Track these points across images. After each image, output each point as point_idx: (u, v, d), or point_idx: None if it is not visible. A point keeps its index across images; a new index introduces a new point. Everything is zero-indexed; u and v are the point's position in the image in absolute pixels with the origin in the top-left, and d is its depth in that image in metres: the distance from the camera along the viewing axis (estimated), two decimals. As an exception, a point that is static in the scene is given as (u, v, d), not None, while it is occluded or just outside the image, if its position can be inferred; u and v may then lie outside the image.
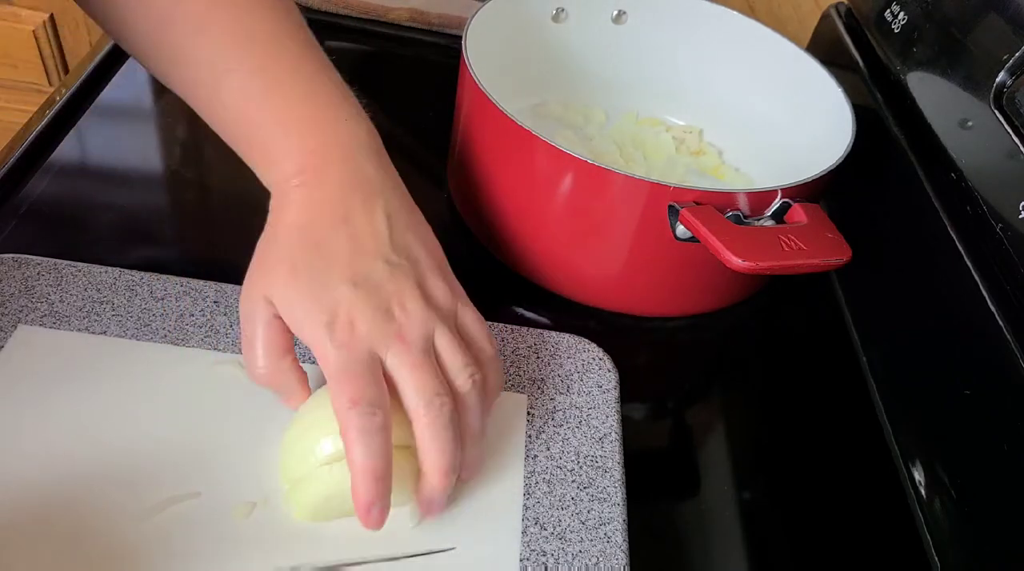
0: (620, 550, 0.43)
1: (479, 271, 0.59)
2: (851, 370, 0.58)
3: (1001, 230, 0.46)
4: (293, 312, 0.41)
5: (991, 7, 0.52)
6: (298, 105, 0.45)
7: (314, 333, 0.40)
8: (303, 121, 0.44)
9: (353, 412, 0.38)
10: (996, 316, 0.45)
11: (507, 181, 0.56)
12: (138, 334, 0.48)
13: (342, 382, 0.39)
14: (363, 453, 0.38)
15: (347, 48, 0.80)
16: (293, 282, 0.41)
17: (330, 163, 0.44)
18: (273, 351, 0.42)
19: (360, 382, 0.39)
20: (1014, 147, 0.46)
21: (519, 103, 0.67)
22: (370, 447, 0.38)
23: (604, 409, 0.49)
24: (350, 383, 0.39)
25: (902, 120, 0.58)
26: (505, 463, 0.46)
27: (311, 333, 0.40)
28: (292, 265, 0.41)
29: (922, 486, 0.50)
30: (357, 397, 0.38)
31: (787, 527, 0.49)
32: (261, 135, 0.45)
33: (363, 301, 0.40)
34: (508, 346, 0.52)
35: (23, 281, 0.49)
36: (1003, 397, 0.44)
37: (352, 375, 0.39)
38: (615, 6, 0.69)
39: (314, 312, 0.40)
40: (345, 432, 0.38)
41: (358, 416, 0.38)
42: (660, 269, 0.55)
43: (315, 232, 0.42)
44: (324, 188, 0.43)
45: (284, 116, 0.44)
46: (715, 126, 0.71)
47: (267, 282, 0.41)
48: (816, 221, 0.51)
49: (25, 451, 0.42)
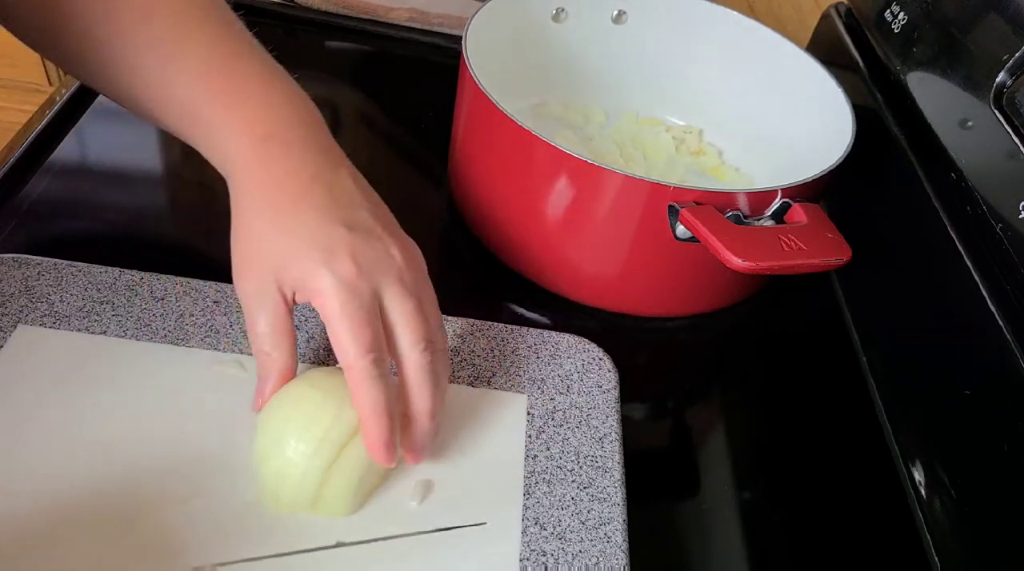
0: (620, 550, 0.43)
1: (479, 271, 0.59)
2: (851, 370, 0.58)
3: (1001, 230, 0.46)
4: (293, 264, 0.40)
5: (991, 7, 0.52)
6: (252, 83, 0.45)
7: (316, 273, 0.39)
8: (259, 97, 0.44)
9: (364, 360, 0.39)
10: (996, 316, 0.45)
11: (507, 181, 0.56)
12: (138, 334, 0.48)
13: (347, 328, 0.39)
14: (373, 398, 0.39)
15: (347, 48, 0.80)
16: (288, 234, 0.40)
17: (292, 132, 0.43)
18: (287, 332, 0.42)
19: (369, 331, 0.39)
20: (1014, 147, 0.46)
21: (519, 103, 0.67)
22: (379, 390, 0.39)
23: (604, 409, 0.49)
24: (358, 329, 0.39)
25: (902, 120, 0.58)
26: (505, 463, 0.46)
27: (313, 274, 0.39)
28: (279, 222, 0.41)
29: (922, 486, 0.50)
30: (368, 345, 0.39)
31: (787, 527, 0.49)
32: (217, 114, 0.44)
33: (361, 241, 0.41)
34: (508, 346, 0.52)
35: (23, 281, 0.49)
36: (1003, 397, 0.44)
37: (360, 321, 0.39)
38: (615, 6, 0.69)
39: (313, 254, 0.40)
40: (353, 378, 0.39)
41: (369, 365, 0.39)
42: (660, 269, 0.55)
43: (292, 190, 0.42)
44: (289, 155, 0.43)
45: (239, 95, 0.44)
46: (715, 126, 0.71)
47: (263, 247, 0.41)
48: (816, 221, 0.51)
49: (25, 451, 0.42)
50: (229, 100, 0.44)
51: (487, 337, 0.52)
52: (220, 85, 0.44)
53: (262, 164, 0.42)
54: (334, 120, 0.72)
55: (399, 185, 0.67)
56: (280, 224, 0.41)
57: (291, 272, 0.40)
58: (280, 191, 0.42)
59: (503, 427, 0.47)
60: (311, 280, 0.40)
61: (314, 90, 0.46)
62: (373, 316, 0.40)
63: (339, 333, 0.39)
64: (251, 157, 0.43)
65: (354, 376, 0.39)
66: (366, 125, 0.72)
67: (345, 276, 0.39)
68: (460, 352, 0.51)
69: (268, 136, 0.43)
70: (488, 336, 0.52)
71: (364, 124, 0.72)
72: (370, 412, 0.39)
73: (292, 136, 0.43)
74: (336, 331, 0.39)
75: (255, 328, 0.42)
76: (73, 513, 0.40)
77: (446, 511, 0.43)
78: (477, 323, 0.52)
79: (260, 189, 0.42)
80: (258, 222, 0.41)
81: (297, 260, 0.40)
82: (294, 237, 0.40)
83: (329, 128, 0.46)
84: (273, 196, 0.42)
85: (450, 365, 0.44)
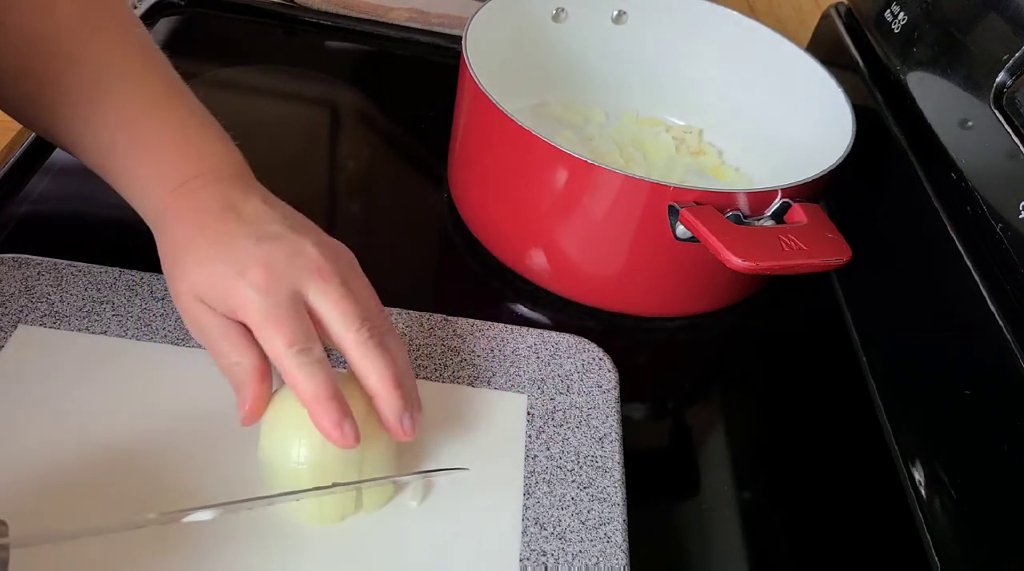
0: (620, 550, 0.43)
1: (479, 271, 0.59)
2: (851, 370, 0.58)
3: (1001, 230, 0.46)
4: (212, 287, 0.41)
5: (991, 7, 0.52)
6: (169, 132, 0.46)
7: (232, 288, 0.40)
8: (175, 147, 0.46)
9: (291, 352, 0.39)
10: (996, 316, 0.45)
11: (507, 181, 0.56)
12: (138, 334, 0.48)
13: (270, 328, 0.39)
14: (312, 385, 0.39)
15: (347, 48, 0.80)
16: (203, 263, 0.41)
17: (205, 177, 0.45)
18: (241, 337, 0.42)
19: (291, 323, 0.39)
20: (1014, 147, 0.46)
21: (519, 103, 0.67)
22: (316, 378, 0.39)
23: (604, 409, 0.49)
24: (281, 325, 0.39)
25: (902, 120, 0.58)
26: (505, 463, 0.46)
27: (229, 290, 0.40)
28: (195, 254, 0.42)
29: (922, 486, 0.50)
30: (292, 337, 0.39)
31: (787, 527, 0.49)
32: (134, 166, 0.46)
33: (271, 248, 0.41)
34: (508, 346, 0.52)
35: (23, 281, 0.49)
36: (1003, 397, 0.44)
37: (279, 318, 0.39)
38: (615, 6, 0.69)
39: (228, 272, 0.40)
40: (287, 372, 0.39)
41: (297, 355, 0.39)
42: (660, 269, 0.55)
43: (205, 222, 0.43)
44: (201, 196, 0.44)
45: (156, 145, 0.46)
46: (715, 126, 0.71)
47: (185, 281, 0.42)
48: (816, 221, 0.51)
49: (24, 451, 0.41)
50: (146, 151, 0.46)
51: (487, 337, 0.52)
52: (139, 135, 0.46)
53: (175, 212, 0.44)
54: (334, 120, 0.72)
55: (399, 185, 0.67)
56: (199, 259, 0.42)
57: (212, 296, 0.41)
58: (195, 229, 0.43)
59: (503, 427, 0.47)
60: (230, 297, 0.40)
61: (314, 90, 0.47)
62: (295, 312, 0.40)
63: (263, 335, 0.40)
64: (166, 206, 0.44)
65: (286, 369, 0.39)
66: (366, 125, 0.72)
67: (258, 282, 0.40)
68: (460, 352, 0.51)
69: (182, 184, 0.44)
70: (488, 336, 0.52)
71: (364, 124, 0.72)
72: (312, 399, 0.39)
73: (206, 179, 0.45)
74: (262, 335, 0.40)
75: (215, 352, 0.42)
76: (73, 513, 0.40)
77: (446, 511, 0.43)
78: (477, 323, 0.52)
79: (176, 233, 0.43)
80: (178, 266, 0.43)
81: (215, 283, 0.41)
82: (212, 265, 0.41)
83: (329, 128, 0.46)
84: (188, 236, 0.43)
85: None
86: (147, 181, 0.45)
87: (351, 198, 0.65)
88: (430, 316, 0.52)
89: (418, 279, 0.59)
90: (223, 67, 0.73)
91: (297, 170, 0.65)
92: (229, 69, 0.73)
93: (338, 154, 0.69)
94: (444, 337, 0.51)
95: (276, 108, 0.72)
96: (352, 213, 0.64)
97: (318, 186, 0.65)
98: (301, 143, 0.68)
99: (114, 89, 0.46)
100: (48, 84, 0.46)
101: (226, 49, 0.76)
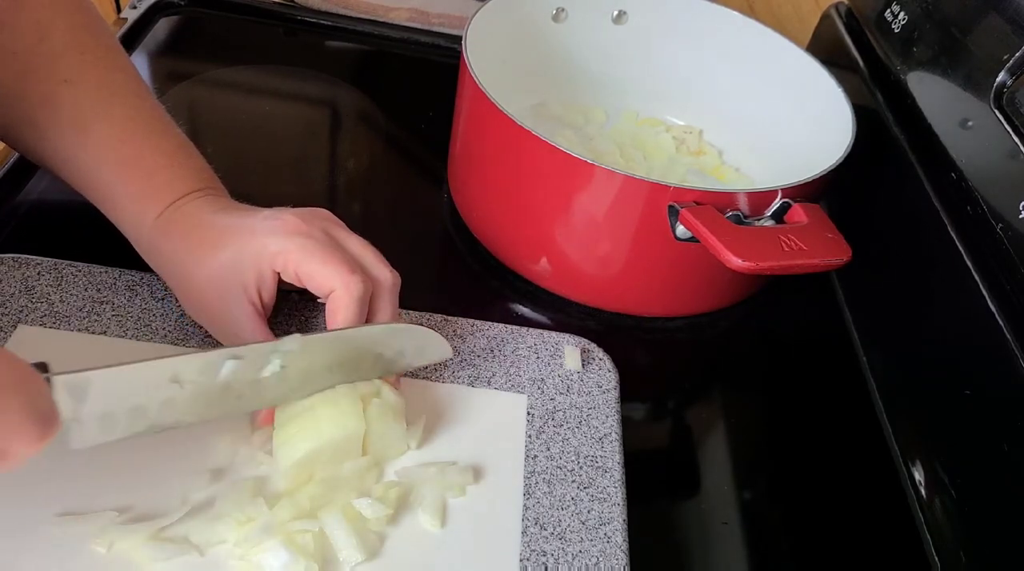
0: (620, 550, 0.43)
1: (479, 271, 0.59)
2: (851, 370, 0.58)
3: (1001, 230, 0.46)
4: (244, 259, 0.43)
5: (991, 7, 0.52)
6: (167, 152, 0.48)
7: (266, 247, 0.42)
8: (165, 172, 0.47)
9: (355, 278, 0.42)
10: (996, 316, 0.45)
11: (507, 181, 0.56)
12: (138, 334, 0.48)
13: (328, 261, 0.42)
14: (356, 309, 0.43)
15: (347, 48, 0.80)
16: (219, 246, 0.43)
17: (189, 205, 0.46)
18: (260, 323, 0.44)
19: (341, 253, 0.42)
20: (1014, 147, 0.46)
21: (519, 103, 0.67)
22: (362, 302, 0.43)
23: (604, 409, 0.49)
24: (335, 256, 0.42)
25: (902, 120, 0.58)
26: (505, 463, 0.46)
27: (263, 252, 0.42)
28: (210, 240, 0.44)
29: (922, 486, 0.50)
30: (351, 266, 0.42)
31: (787, 527, 0.49)
32: (121, 192, 0.47)
33: (291, 214, 0.44)
34: (508, 346, 0.52)
35: (23, 281, 0.49)
36: (1003, 397, 0.44)
37: (332, 252, 0.42)
38: (615, 6, 0.69)
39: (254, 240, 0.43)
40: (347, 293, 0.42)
41: (359, 284, 0.42)
42: (660, 269, 0.55)
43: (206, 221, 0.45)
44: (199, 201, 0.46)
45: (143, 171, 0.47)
46: (715, 126, 0.71)
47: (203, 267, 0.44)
48: (816, 221, 0.51)
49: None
50: (139, 169, 0.47)
51: (487, 337, 0.52)
52: (132, 155, 0.47)
53: (163, 231, 0.45)
54: (334, 120, 0.72)
55: (399, 185, 0.67)
56: (214, 242, 0.44)
57: (245, 264, 0.43)
58: (194, 236, 0.45)
59: (503, 427, 0.47)
60: (264, 255, 0.42)
61: (314, 90, 0.47)
62: (336, 246, 0.43)
63: (316, 271, 0.42)
64: (159, 222, 0.46)
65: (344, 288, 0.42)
66: (366, 125, 0.72)
67: (293, 228, 0.42)
68: (460, 352, 0.51)
69: (174, 201, 0.46)
70: (488, 336, 0.52)
71: (364, 124, 0.72)
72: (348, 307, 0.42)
73: (197, 195, 0.46)
74: (311, 271, 0.42)
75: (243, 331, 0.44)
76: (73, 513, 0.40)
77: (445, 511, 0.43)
78: (477, 323, 0.52)
79: (171, 249, 0.45)
80: (192, 255, 0.44)
81: (245, 253, 0.43)
82: (227, 250, 0.43)
83: (329, 128, 0.46)
84: (187, 246, 0.45)
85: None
86: (139, 199, 0.46)
87: (351, 198, 0.65)
88: (430, 316, 0.52)
89: (418, 279, 0.59)
90: (223, 67, 0.73)
91: (297, 170, 0.65)
92: (229, 69, 0.73)
93: (338, 154, 0.69)
94: (444, 337, 0.51)
95: (276, 108, 0.72)
96: (352, 213, 0.64)
97: (318, 186, 0.65)
98: (301, 143, 0.68)
99: (109, 112, 0.47)
100: (41, 106, 0.47)
101: (226, 49, 0.76)
